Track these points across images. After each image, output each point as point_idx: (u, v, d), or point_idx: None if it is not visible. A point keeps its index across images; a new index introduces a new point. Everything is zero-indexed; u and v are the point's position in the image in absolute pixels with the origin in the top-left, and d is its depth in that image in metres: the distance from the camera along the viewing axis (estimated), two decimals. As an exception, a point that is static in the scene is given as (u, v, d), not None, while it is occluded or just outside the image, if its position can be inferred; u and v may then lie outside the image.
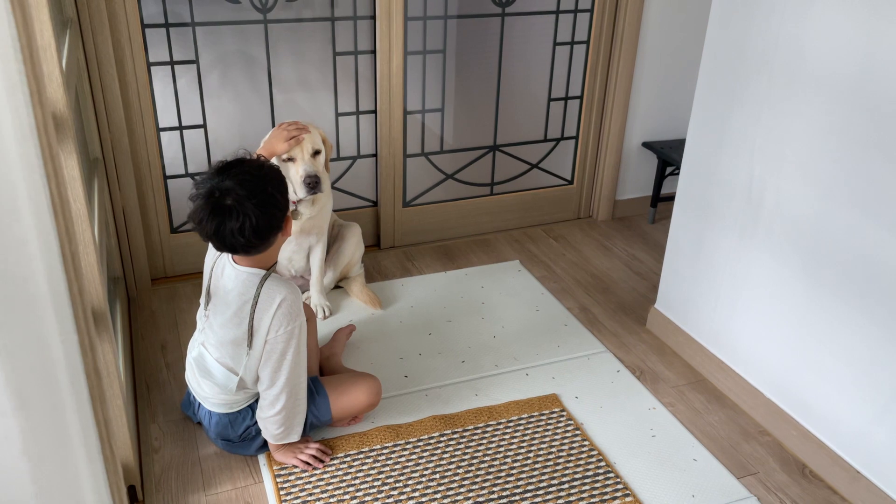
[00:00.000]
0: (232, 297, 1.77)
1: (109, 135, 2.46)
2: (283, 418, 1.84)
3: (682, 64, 3.14)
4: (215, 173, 1.68)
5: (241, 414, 1.90)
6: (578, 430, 2.08)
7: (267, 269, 1.79)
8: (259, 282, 1.76)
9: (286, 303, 1.75)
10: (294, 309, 1.77)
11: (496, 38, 2.92)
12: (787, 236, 2.00)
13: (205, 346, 1.89)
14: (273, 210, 1.69)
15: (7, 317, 0.86)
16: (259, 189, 1.66)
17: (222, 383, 1.85)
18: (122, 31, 2.38)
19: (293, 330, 1.77)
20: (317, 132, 2.34)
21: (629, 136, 3.24)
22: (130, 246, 2.64)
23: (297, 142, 2.25)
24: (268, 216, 1.67)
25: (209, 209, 1.65)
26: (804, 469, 2.01)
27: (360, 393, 2.01)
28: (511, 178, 3.21)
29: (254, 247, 1.70)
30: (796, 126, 1.93)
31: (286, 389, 1.81)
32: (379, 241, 3.07)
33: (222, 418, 1.90)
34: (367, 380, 2.04)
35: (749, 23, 2.02)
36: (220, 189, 1.64)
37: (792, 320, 2.03)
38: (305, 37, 2.67)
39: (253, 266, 1.77)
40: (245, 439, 1.93)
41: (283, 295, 1.75)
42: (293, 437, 1.88)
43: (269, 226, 1.69)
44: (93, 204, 2.04)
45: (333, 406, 1.97)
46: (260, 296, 1.75)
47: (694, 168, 2.31)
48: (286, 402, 1.82)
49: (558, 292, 2.79)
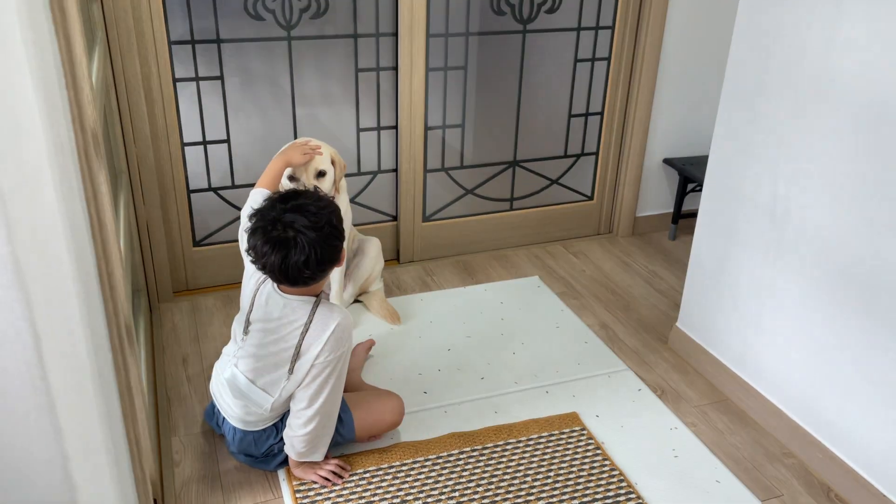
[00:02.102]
0: (278, 325, 1.77)
1: (135, 149, 2.49)
2: (310, 438, 1.83)
3: (704, 80, 3.13)
4: (274, 204, 1.68)
5: (265, 432, 1.90)
6: (599, 450, 2.06)
7: (316, 296, 1.79)
8: (312, 308, 1.76)
9: (340, 328, 1.75)
10: (346, 334, 1.77)
11: (517, 55, 2.93)
12: (812, 255, 1.98)
13: (237, 367, 1.87)
14: (335, 242, 1.69)
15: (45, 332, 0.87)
16: (322, 221, 1.66)
17: (257, 404, 1.83)
18: (148, 48, 2.42)
19: (341, 355, 1.77)
20: (328, 153, 2.34)
21: (650, 152, 3.23)
22: (154, 259, 2.66)
23: (312, 157, 2.27)
24: (330, 249, 1.68)
25: (272, 244, 1.64)
26: (829, 492, 1.98)
27: (385, 412, 2.01)
28: (531, 193, 3.21)
29: (313, 280, 1.71)
30: (822, 144, 1.91)
31: (321, 411, 1.81)
32: (398, 255, 3.08)
33: (247, 435, 1.90)
34: (392, 399, 2.04)
35: (774, 39, 2.01)
36: (283, 222, 1.64)
37: (817, 340, 2.00)
38: (328, 53, 2.70)
39: (302, 294, 1.78)
40: (268, 455, 1.93)
41: (337, 321, 1.75)
42: (317, 456, 1.88)
43: (330, 258, 1.70)
44: (119, 218, 2.07)
45: (358, 425, 1.97)
46: (313, 321, 1.75)
47: (717, 186, 2.29)
48: (318, 423, 1.82)
49: (578, 309, 2.77)
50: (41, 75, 0.93)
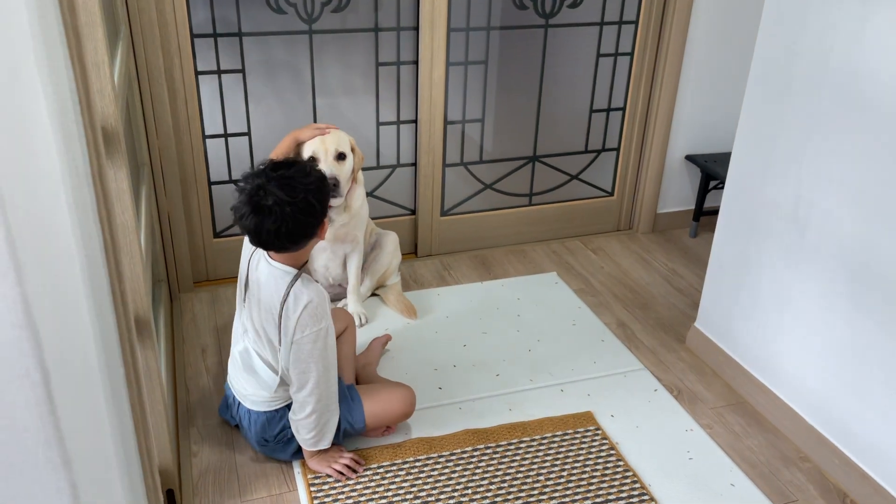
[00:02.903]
0: (264, 293, 1.83)
1: (157, 141, 2.51)
2: (313, 423, 1.86)
3: (729, 77, 3.09)
4: (264, 171, 1.74)
5: (278, 413, 1.93)
6: (613, 450, 2.06)
7: (299, 269, 1.83)
8: (289, 282, 1.80)
9: (311, 305, 1.78)
10: (319, 311, 1.80)
11: (539, 50, 2.91)
12: (833, 259, 1.95)
13: (247, 341, 1.93)
14: (309, 218, 1.73)
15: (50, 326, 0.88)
16: (299, 196, 1.70)
17: (264, 379, 1.90)
18: (171, 41, 2.44)
19: (319, 332, 1.80)
20: (347, 139, 2.35)
21: (672, 148, 3.20)
22: (175, 249, 2.69)
23: (321, 133, 2.27)
24: (303, 223, 1.72)
25: (251, 207, 1.70)
26: (846, 498, 1.96)
27: (394, 402, 2.02)
28: (550, 188, 3.20)
29: (286, 249, 1.76)
30: (846, 147, 1.88)
31: (315, 393, 1.83)
32: (416, 249, 3.08)
33: (260, 416, 1.93)
34: (403, 389, 2.06)
35: (800, 40, 1.98)
36: (265, 189, 1.70)
37: (837, 344, 1.98)
38: (349, 47, 2.70)
39: (286, 263, 1.82)
40: (280, 441, 1.96)
41: (308, 297, 1.78)
42: (324, 444, 1.90)
43: (303, 232, 1.74)
44: (140, 209, 2.09)
45: (368, 414, 1.98)
46: (289, 296, 1.79)
47: (738, 186, 2.27)
48: (316, 406, 1.84)
49: (596, 306, 2.76)
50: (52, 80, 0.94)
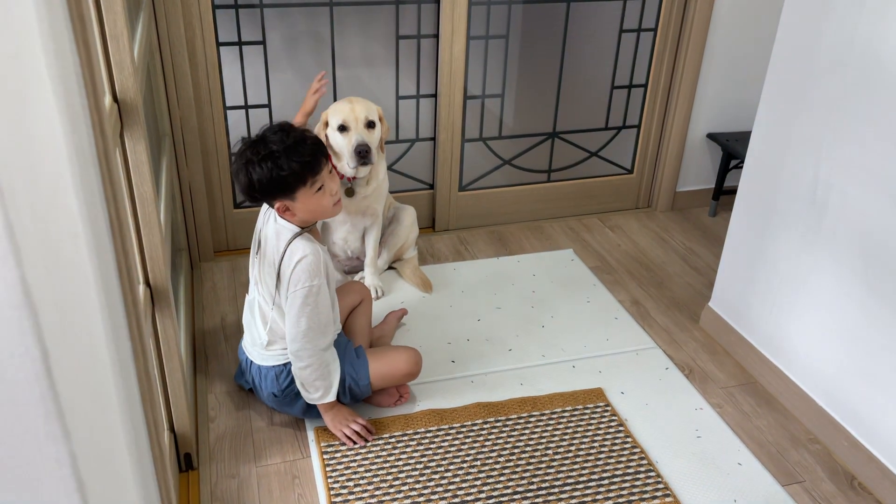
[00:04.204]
0: (269, 248, 1.91)
1: (179, 112, 2.54)
2: (309, 375, 1.92)
3: (753, 54, 3.04)
4: (265, 134, 1.85)
5: (286, 367, 1.98)
6: (622, 427, 2.09)
7: (302, 228, 1.89)
8: (290, 237, 1.87)
9: (306, 260, 1.85)
10: (313, 268, 1.86)
11: (560, 25, 2.88)
12: (850, 242, 1.94)
13: (258, 290, 2.01)
14: (279, 182, 1.81)
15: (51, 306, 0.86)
16: (273, 157, 1.79)
17: (259, 330, 1.99)
18: (193, 12, 2.45)
19: (311, 288, 1.86)
20: (375, 109, 2.37)
21: (693, 126, 3.17)
22: (196, 218, 2.74)
23: (320, 93, 2.29)
24: (272, 183, 1.81)
25: (239, 157, 1.84)
26: (853, 481, 1.97)
27: (399, 361, 2.06)
28: (569, 165, 3.19)
29: (257, 200, 1.89)
30: (866, 130, 1.86)
31: (308, 347, 1.89)
32: (434, 223, 3.10)
33: (269, 372, 1.99)
34: (408, 350, 2.10)
35: (824, 20, 1.94)
36: (256, 147, 1.81)
37: (850, 328, 1.97)
38: (370, 20, 2.69)
39: (290, 222, 1.89)
40: (288, 395, 2.00)
41: (304, 252, 1.86)
42: (329, 397, 1.96)
43: (270, 191, 1.83)
44: (160, 180, 2.13)
45: (372, 371, 2.02)
46: (287, 250, 1.87)
47: (757, 166, 2.25)
48: (310, 360, 1.90)
49: (611, 284, 2.77)
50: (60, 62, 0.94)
